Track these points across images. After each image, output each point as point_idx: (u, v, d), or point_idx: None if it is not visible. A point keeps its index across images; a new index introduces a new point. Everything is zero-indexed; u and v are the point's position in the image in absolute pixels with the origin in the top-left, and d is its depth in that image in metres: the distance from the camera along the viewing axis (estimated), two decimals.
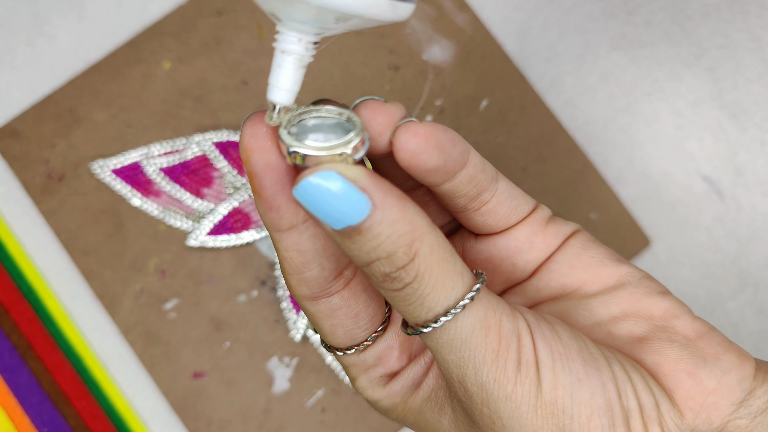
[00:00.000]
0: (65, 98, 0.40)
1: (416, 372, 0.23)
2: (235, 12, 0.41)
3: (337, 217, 0.18)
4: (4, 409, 0.38)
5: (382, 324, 0.23)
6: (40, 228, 0.39)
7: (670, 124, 0.41)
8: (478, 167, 0.23)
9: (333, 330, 0.22)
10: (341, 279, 0.22)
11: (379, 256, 0.19)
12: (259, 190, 0.20)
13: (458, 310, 0.19)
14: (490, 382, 0.19)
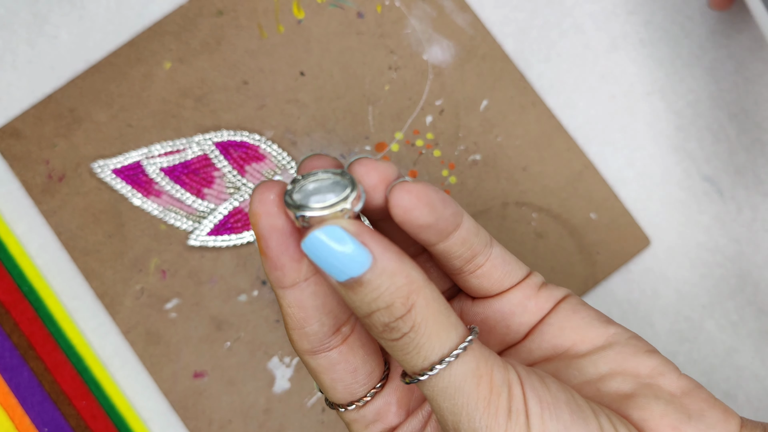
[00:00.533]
0: (66, 98, 0.40)
1: (414, 426, 0.24)
2: (236, 12, 0.41)
3: (341, 269, 0.20)
4: (5, 409, 0.38)
5: (380, 381, 0.25)
6: (40, 228, 0.40)
7: (671, 124, 0.41)
8: (471, 231, 0.24)
9: (333, 385, 0.24)
10: (339, 335, 0.23)
11: (378, 306, 0.20)
12: (265, 250, 0.22)
13: (452, 359, 0.21)
14: (482, 428, 0.20)
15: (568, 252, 0.39)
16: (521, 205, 0.40)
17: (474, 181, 0.40)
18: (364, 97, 0.41)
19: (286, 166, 0.40)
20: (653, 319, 0.39)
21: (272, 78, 0.41)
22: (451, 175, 0.40)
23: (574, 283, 0.39)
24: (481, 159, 0.40)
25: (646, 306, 0.39)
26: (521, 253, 0.39)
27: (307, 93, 0.41)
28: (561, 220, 0.40)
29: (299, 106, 0.40)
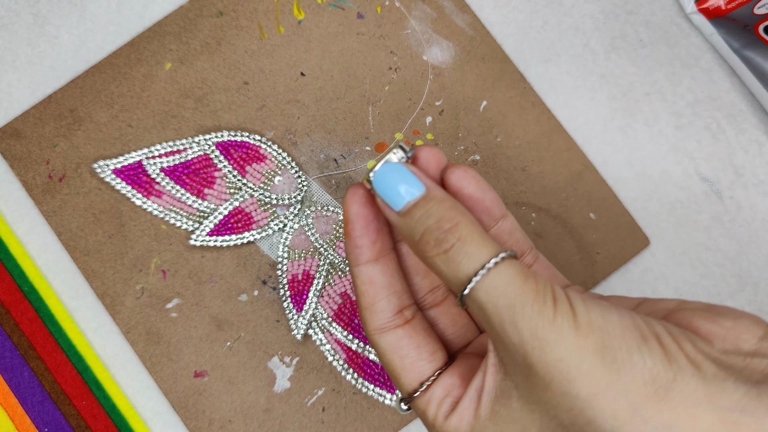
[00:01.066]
0: (66, 98, 0.40)
1: (477, 384, 0.26)
2: (236, 12, 0.41)
3: (401, 196, 0.26)
4: (5, 409, 0.38)
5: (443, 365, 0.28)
6: (41, 228, 0.40)
7: (670, 124, 0.41)
8: (516, 225, 0.30)
9: (402, 363, 0.28)
10: (402, 317, 0.28)
11: (429, 223, 0.25)
12: (351, 232, 0.28)
13: (498, 260, 0.24)
14: (534, 313, 0.23)
15: (568, 252, 0.39)
16: (521, 205, 0.40)
17: None
18: (364, 98, 0.41)
19: (287, 167, 0.40)
20: None
21: (272, 78, 0.41)
22: None
23: (574, 283, 0.39)
24: (480, 159, 0.40)
25: None
26: None
27: (308, 93, 0.41)
28: (560, 220, 0.40)
29: (299, 107, 0.40)
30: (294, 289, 0.38)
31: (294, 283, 0.39)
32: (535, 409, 0.24)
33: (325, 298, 0.39)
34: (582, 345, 0.23)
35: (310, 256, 0.39)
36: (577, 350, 0.23)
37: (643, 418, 0.22)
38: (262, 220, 0.39)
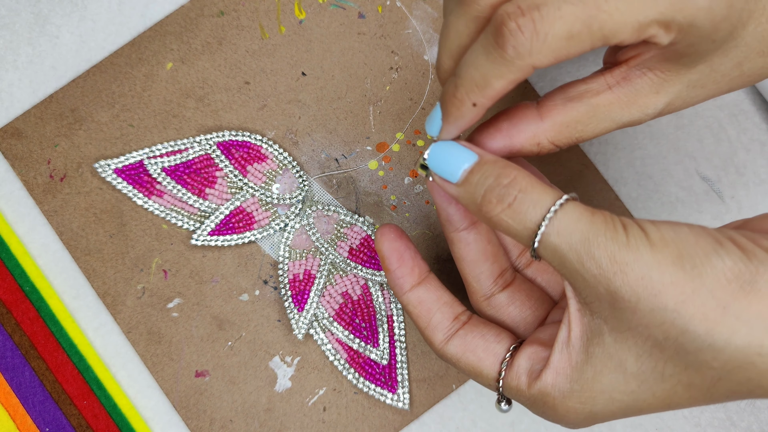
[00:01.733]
0: (67, 98, 0.40)
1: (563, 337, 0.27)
2: (237, 12, 0.41)
3: (456, 166, 0.27)
4: (6, 409, 0.38)
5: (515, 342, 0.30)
6: (42, 228, 0.40)
7: (671, 123, 0.41)
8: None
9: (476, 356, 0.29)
10: (458, 321, 0.30)
11: (488, 183, 0.26)
12: (389, 266, 0.31)
13: (563, 201, 0.25)
14: (609, 241, 0.24)
15: None
16: None
17: None
18: (365, 98, 0.41)
19: (288, 166, 0.40)
20: None
21: (274, 78, 0.41)
22: None
23: None
24: None
25: None
26: None
27: (309, 93, 0.41)
28: None
29: (300, 107, 0.40)
30: (295, 288, 0.38)
31: (295, 283, 0.39)
32: (628, 337, 0.24)
33: (327, 297, 0.39)
34: (660, 258, 0.23)
35: (311, 256, 0.39)
36: (657, 264, 0.23)
37: (735, 314, 0.23)
38: (264, 219, 0.39)
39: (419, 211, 0.40)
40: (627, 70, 0.27)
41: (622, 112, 0.27)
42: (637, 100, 0.27)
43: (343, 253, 0.39)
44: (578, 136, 0.28)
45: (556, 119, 0.28)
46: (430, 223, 0.40)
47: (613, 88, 0.27)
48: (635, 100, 0.27)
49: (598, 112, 0.27)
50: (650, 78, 0.27)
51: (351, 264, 0.39)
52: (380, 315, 0.38)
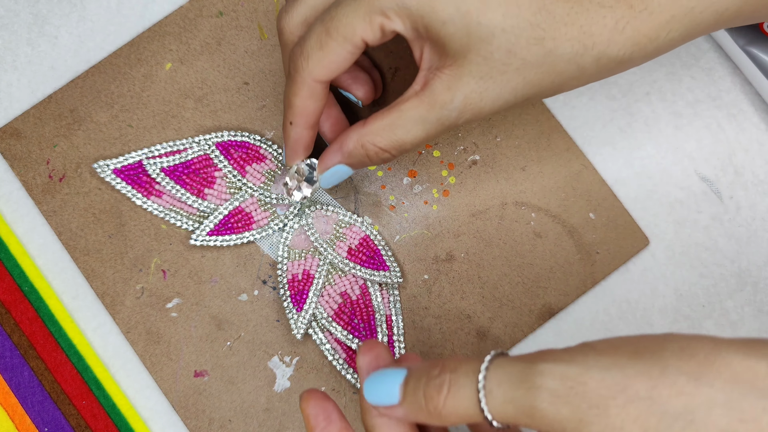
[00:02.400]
0: (66, 98, 0.40)
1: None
2: (236, 13, 0.41)
3: (390, 390, 0.28)
4: (5, 409, 0.38)
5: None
6: (41, 228, 0.40)
7: (669, 124, 0.41)
8: None
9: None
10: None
11: (422, 382, 0.27)
12: (314, 426, 0.29)
13: (489, 359, 0.26)
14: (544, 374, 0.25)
15: (567, 252, 0.39)
16: (520, 205, 0.40)
17: (473, 181, 0.40)
18: None
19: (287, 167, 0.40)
20: (652, 318, 0.39)
21: (272, 79, 0.41)
22: (450, 175, 0.40)
23: (573, 283, 0.39)
24: (480, 159, 0.40)
25: (645, 306, 0.39)
26: (520, 252, 0.39)
27: None
28: (560, 220, 0.40)
29: None
30: (294, 288, 0.38)
31: (294, 283, 0.39)
32: None
33: (325, 297, 0.39)
34: None
35: (310, 256, 0.39)
36: None
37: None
38: (263, 219, 0.39)
39: (418, 211, 0.40)
40: (425, 74, 0.31)
41: (427, 112, 0.31)
42: (436, 99, 0.30)
43: (342, 253, 0.39)
44: (396, 138, 0.31)
45: (374, 125, 0.32)
46: (429, 223, 0.40)
47: (418, 93, 0.31)
48: (434, 99, 0.30)
49: (406, 114, 0.31)
50: (440, 77, 0.30)
51: (350, 264, 0.39)
52: (379, 315, 0.38)
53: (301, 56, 0.31)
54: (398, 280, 0.39)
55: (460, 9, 0.28)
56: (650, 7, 0.28)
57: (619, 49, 0.29)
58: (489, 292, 0.39)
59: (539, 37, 0.29)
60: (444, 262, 0.39)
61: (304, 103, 0.32)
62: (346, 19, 0.30)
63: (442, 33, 0.29)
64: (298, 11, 0.32)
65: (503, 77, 0.30)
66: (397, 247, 0.39)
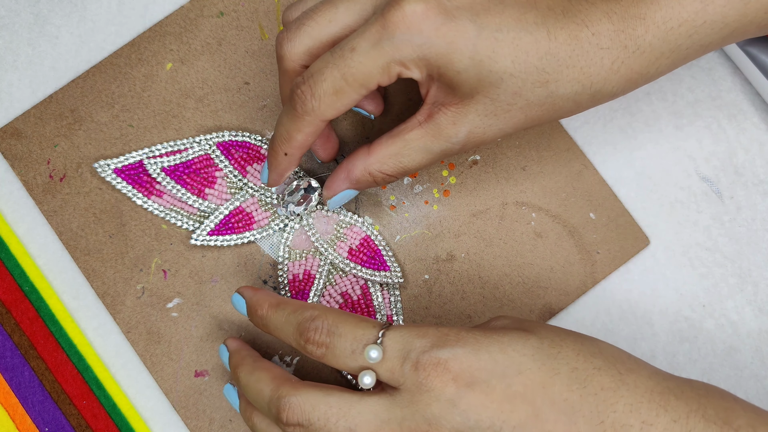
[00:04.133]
0: (67, 98, 0.40)
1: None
2: (237, 13, 0.41)
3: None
4: (6, 409, 0.38)
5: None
6: (41, 228, 0.40)
7: (670, 124, 0.41)
8: None
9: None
10: None
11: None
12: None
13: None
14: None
15: (567, 252, 0.39)
16: (520, 205, 0.40)
17: (473, 180, 0.40)
18: None
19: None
20: (653, 318, 0.39)
21: (273, 79, 0.41)
22: (450, 175, 0.40)
23: (573, 283, 0.39)
24: (480, 159, 0.40)
25: (645, 306, 0.39)
26: (520, 252, 0.39)
27: None
28: (560, 220, 0.40)
29: None
30: (295, 288, 0.38)
31: (295, 283, 0.39)
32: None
33: (326, 297, 0.39)
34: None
35: (311, 256, 0.39)
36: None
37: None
38: (263, 220, 0.39)
39: (418, 211, 0.40)
40: (430, 108, 0.32)
41: (432, 143, 0.32)
42: (441, 132, 0.32)
43: (343, 253, 0.39)
44: (402, 166, 0.33)
45: (379, 153, 0.33)
46: (429, 223, 0.40)
47: (422, 124, 0.32)
48: (439, 132, 0.32)
49: (411, 144, 0.32)
50: (446, 113, 0.31)
51: (350, 264, 0.39)
52: (380, 315, 0.38)
53: (313, 97, 0.31)
54: (399, 280, 0.39)
55: (474, 59, 0.29)
56: (642, 47, 0.30)
57: (614, 86, 0.31)
58: (489, 292, 0.39)
59: (544, 80, 0.30)
60: (444, 262, 0.39)
61: (305, 139, 0.33)
62: (364, 68, 0.30)
63: (456, 80, 0.30)
64: (301, 41, 0.32)
65: (507, 115, 0.31)
66: (398, 247, 0.39)
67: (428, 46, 0.29)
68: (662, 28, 0.30)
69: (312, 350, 0.30)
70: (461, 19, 0.29)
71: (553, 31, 0.30)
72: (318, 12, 0.32)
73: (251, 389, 0.31)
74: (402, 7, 0.29)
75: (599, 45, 0.30)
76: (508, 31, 0.29)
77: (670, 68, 0.32)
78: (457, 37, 0.29)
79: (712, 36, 0.31)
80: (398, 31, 0.29)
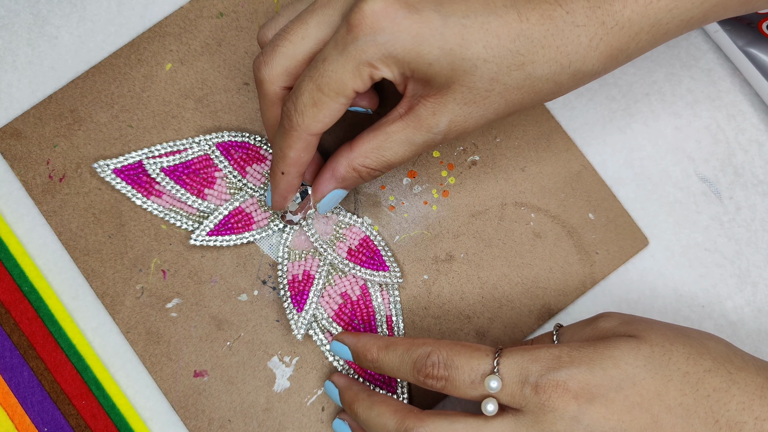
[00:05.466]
0: (66, 99, 0.40)
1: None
2: (236, 13, 0.41)
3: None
4: (5, 409, 0.38)
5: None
6: (41, 228, 0.40)
7: (669, 124, 0.41)
8: None
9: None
10: None
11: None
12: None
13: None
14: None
15: (567, 252, 0.39)
16: (520, 206, 0.40)
17: (473, 181, 0.40)
18: None
19: None
20: None
21: None
22: (450, 175, 0.40)
23: (572, 283, 0.39)
24: (479, 159, 0.40)
25: (644, 306, 0.39)
26: (520, 252, 0.39)
27: None
28: (559, 221, 0.40)
29: None
30: (294, 289, 0.38)
31: (294, 284, 0.39)
32: None
33: (326, 298, 0.39)
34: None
35: (310, 257, 0.39)
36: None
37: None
38: (263, 220, 0.39)
39: (417, 211, 0.40)
40: (409, 100, 0.32)
41: (413, 135, 0.32)
42: (422, 123, 0.32)
43: (342, 253, 0.39)
44: (384, 159, 0.33)
45: (361, 148, 0.33)
46: (429, 224, 0.40)
47: (403, 117, 0.32)
48: (420, 123, 0.32)
49: (393, 137, 0.32)
50: (425, 104, 0.31)
51: (350, 264, 0.39)
52: (379, 315, 0.38)
53: (296, 113, 0.32)
54: (398, 280, 0.39)
55: (443, 48, 0.29)
56: (620, 22, 0.30)
57: (594, 64, 0.31)
58: (488, 292, 0.39)
59: (519, 63, 0.30)
60: (444, 262, 0.39)
61: (298, 155, 0.33)
62: (335, 75, 0.30)
63: (429, 72, 0.30)
64: (278, 62, 0.33)
65: (486, 101, 0.31)
66: (397, 248, 0.39)
67: (393, 43, 0.29)
68: (641, 2, 0.30)
69: (432, 384, 0.31)
70: (424, 11, 0.29)
71: (524, 12, 0.29)
72: (290, 31, 0.32)
73: (374, 424, 0.32)
74: (361, 9, 0.29)
75: (574, 23, 0.30)
76: (475, 17, 0.29)
77: (651, 45, 0.31)
78: (422, 28, 0.29)
79: (692, 11, 0.31)
80: (361, 33, 0.29)
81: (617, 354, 0.29)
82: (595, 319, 0.33)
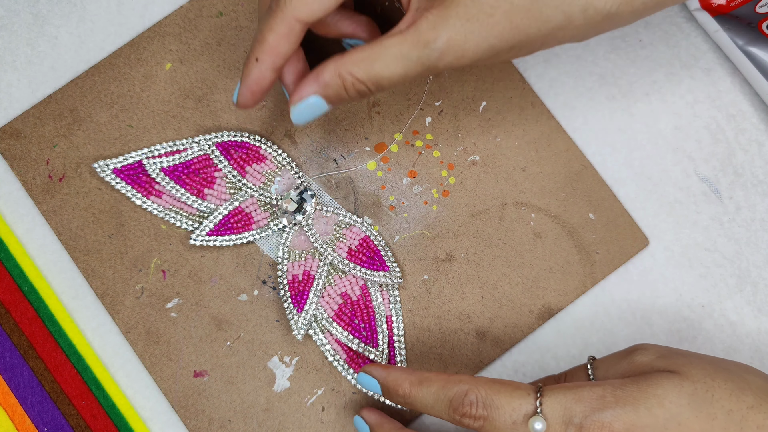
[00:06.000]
0: (66, 98, 0.40)
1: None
2: (236, 13, 0.41)
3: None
4: (5, 409, 0.38)
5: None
6: (41, 228, 0.40)
7: (669, 124, 0.41)
8: None
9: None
10: None
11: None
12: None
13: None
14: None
15: (567, 252, 0.39)
16: (520, 205, 0.40)
17: (473, 181, 0.40)
18: None
19: (286, 167, 0.40)
20: (652, 319, 0.39)
21: None
22: (450, 175, 0.40)
23: (573, 283, 0.39)
24: (480, 159, 0.40)
25: (644, 306, 0.39)
26: (520, 252, 0.39)
27: None
28: (559, 220, 0.40)
29: None
30: (294, 289, 0.38)
31: (294, 284, 0.39)
32: None
33: (326, 298, 0.39)
34: None
35: (310, 257, 0.39)
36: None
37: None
38: (262, 220, 0.39)
39: (418, 211, 0.40)
40: (412, 15, 0.31)
41: (409, 50, 0.30)
42: (421, 38, 0.30)
43: (342, 253, 0.39)
44: (375, 72, 0.31)
45: (354, 56, 0.31)
46: (429, 223, 0.40)
47: (403, 31, 0.31)
48: (419, 37, 0.30)
49: (389, 50, 0.31)
50: (427, 17, 0.30)
51: (350, 264, 0.39)
52: (379, 315, 0.38)
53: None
54: (398, 280, 0.39)
55: None
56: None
57: (606, 1, 0.29)
58: (489, 292, 0.39)
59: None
60: (444, 262, 0.39)
61: (277, 42, 0.31)
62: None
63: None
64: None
65: (490, 20, 0.30)
66: (397, 248, 0.39)
67: None
68: None
69: (469, 423, 0.30)
70: None
71: None
72: None
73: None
74: None
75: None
76: None
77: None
78: None
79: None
80: None
81: (661, 392, 0.29)
82: (630, 352, 0.32)
